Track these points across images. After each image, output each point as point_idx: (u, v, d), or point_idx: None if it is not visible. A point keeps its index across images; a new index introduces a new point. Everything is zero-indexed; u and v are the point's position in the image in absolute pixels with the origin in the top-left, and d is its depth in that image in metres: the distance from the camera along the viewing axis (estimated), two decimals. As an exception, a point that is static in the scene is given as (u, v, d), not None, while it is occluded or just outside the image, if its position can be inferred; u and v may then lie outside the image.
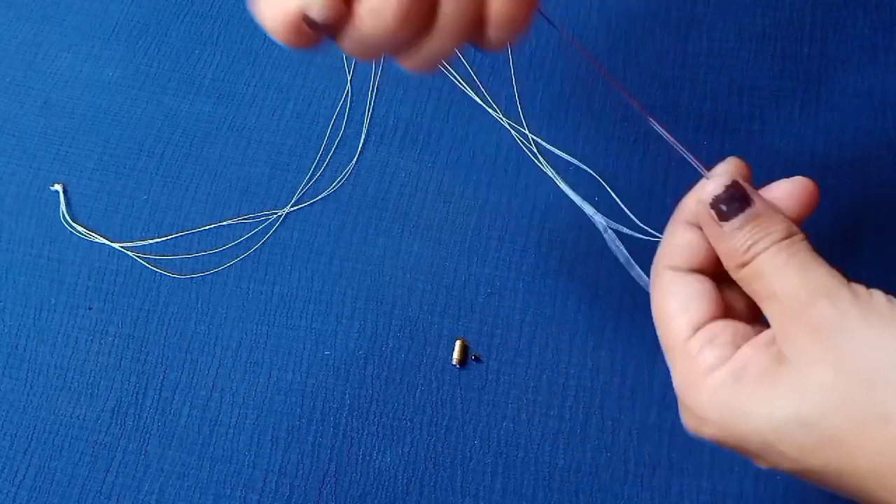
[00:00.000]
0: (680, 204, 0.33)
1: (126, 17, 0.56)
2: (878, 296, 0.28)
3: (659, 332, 0.31)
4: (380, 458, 0.43)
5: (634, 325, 0.44)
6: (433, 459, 0.43)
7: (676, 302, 0.31)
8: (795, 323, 0.28)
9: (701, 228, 0.32)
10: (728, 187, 0.30)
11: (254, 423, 0.44)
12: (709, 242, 0.32)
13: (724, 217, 0.30)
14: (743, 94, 0.50)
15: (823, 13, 0.52)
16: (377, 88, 0.52)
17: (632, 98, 0.36)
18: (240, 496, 0.43)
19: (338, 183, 0.50)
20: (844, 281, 0.28)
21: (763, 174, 0.48)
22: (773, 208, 0.30)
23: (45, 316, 0.47)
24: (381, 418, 0.44)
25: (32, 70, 0.54)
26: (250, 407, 0.45)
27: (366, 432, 0.44)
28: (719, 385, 0.29)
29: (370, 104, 0.52)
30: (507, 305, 0.46)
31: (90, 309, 0.47)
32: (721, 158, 0.50)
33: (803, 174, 0.48)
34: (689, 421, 0.30)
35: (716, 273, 0.32)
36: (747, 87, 0.50)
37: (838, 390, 0.27)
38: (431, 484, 0.43)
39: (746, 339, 0.30)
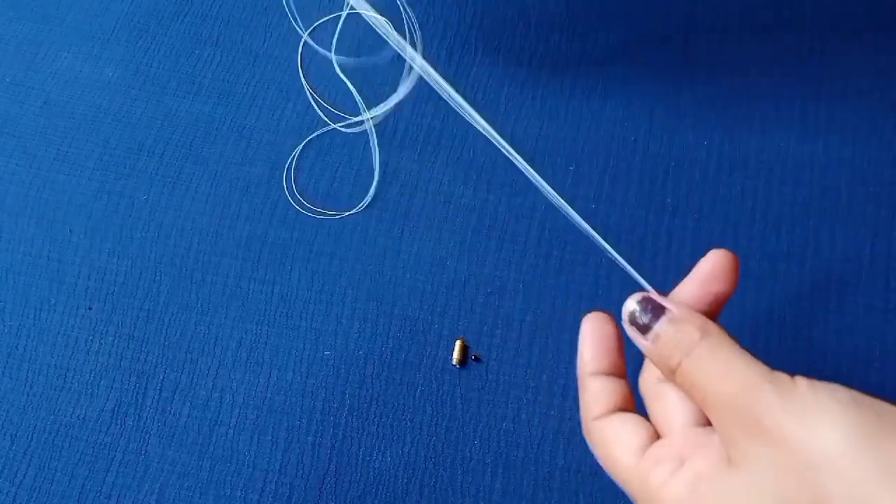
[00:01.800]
0: (579, 360, 0.36)
1: (126, 17, 0.56)
2: (801, 386, 0.29)
3: (611, 474, 0.34)
4: (380, 458, 0.43)
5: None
6: (433, 459, 0.43)
7: (613, 445, 0.34)
8: (730, 425, 0.29)
9: (605, 374, 0.35)
10: (640, 301, 0.33)
11: (254, 423, 0.44)
12: (617, 382, 0.35)
13: (643, 330, 0.32)
14: (743, 94, 0.50)
15: (823, 13, 0.52)
16: (378, 89, 0.52)
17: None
18: (240, 496, 0.43)
19: (338, 182, 0.50)
20: (767, 374, 0.29)
21: (763, 174, 0.48)
22: (686, 310, 0.32)
23: (45, 316, 0.47)
24: (381, 418, 0.44)
25: (32, 70, 0.54)
26: (250, 407, 0.45)
27: (366, 432, 0.44)
28: (676, 499, 0.30)
29: (370, 104, 0.52)
30: (507, 305, 0.46)
31: (90, 309, 0.47)
32: (722, 159, 0.50)
33: (803, 174, 0.48)
34: None
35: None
36: (747, 87, 0.50)
37: (784, 494, 0.28)
38: (431, 484, 0.43)
39: (691, 447, 0.32)
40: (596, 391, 0.35)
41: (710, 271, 0.33)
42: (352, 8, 0.53)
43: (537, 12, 0.53)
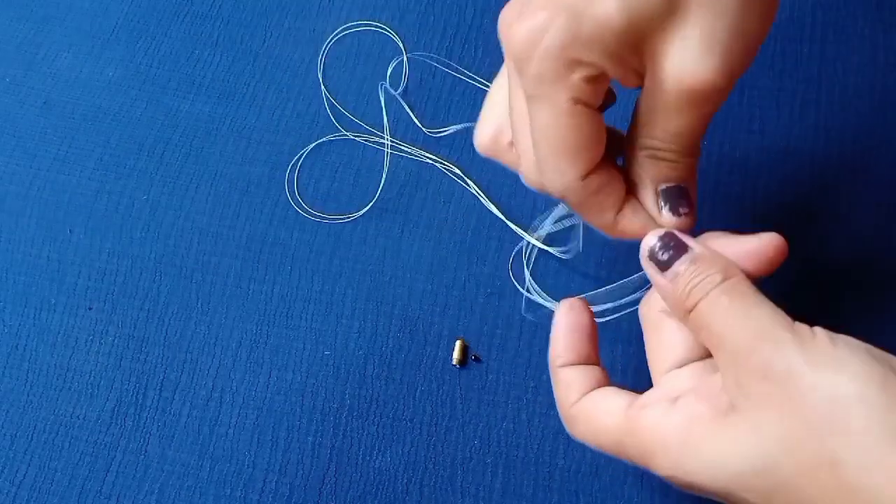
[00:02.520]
0: (550, 352, 0.35)
1: (126, 17, 0.56)
2: (821, 336, 0.28)
3: (602, 447, 0.33)
4: (380, 458, 0.43)
5: (634, 324, 0.43)
6: (433, 459, 0.43)
7: (597, 417, 0.33)
8: (741, 370, 0.28)
9: (576, 364, 0.34)
10: (662, 237, 0.32)
11: (254, 423, 0.44)
12: (589, 368, 0.34)
13: (663, 266, 0.31)
14: (743, 94, 0.50)
15: (823, 13, 0.52)
16: (382, 89, 0.52)
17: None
18: (240, 496, 0.43)
19: (337, 183, 0.50)
20: (788, 322, 0.29)
21: (763, 174, 0.48)
22: (711, 251, 0.31)
23: (45, 316, 0.47)
24: (381, 418, 0.44)
25: (32, 70, 0.54)
26: (250, 407, 0.45)
27: (366, 432, 0.44)
28: (673, 441, 0.30)
29: (370, 104, 0.52)
30: (507, 305, 0.46)
31: (90, 309, 0.47)
32: (722, 159, 0.50)
33: (803, 174, 0.48)
34: (663, 474, 0.31)
35: None
36: (747, 87, 0.50)
37: (788, 438, 0.27)
38: (431, 484, 0.43)
39: (684, 389, 0.31)
40: (568, 380, 0.34)
41: (753, 248, 0.32)
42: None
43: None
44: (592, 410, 0.33)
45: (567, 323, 0.35)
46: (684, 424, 0.30)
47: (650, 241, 0.32)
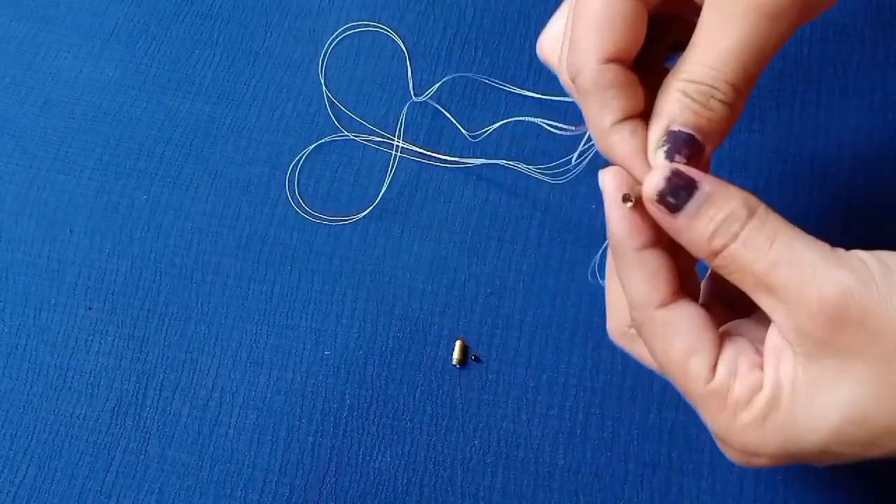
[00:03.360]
0: (619, 232, 0.30)
1: (126, 17, 0.56)
2: (871, 262, 0.26)
3: (673, 379, 0.29)
4: (380, 458, 0.43)
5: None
6: (433, 459, 0.43)
7: (681, 343, 0.29)
8: (806, 318, 0.26)
9: (654, 246, 0.29)
10: (669, 178, 0.28)
11: (254, 423, 0.44)
12: (668, 255, 0.29)
13: (675, 209, 0.28)
14: (743, 94, 0.50)
15: (823, 13, 0.52)
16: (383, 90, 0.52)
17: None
18: (240, 496, 0.43)
19: (337, 182, 0.50)
20: (832, 251, 0.26)
21: (763, 174, 0.48)
22: (723, 184, 0.28)
23: (45, 316, 0.47)
24: (381, 418, 0.44)
25: (32, 70, 0.54)
26: (250, 407, 0.45)
27: (366, 432, 0.44)
28: (761, 418, 0.27)
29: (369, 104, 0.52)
30: (507, 305, 0.46)
31: (90, 309, 0.47)
32: (721, 159, 0.50)
33: (803, 174, 0.48)
34: (735, 457, 0.29)
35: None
36: (747, 87, 0.50)
37: (878, 378, 0.25)
38: (431, 484, 0.43)
39: (758, 343, 0.29)
40: (652, 271, 0.29)
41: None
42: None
43: (538, 10, 0.53)
44: (684, 342, 0.28)
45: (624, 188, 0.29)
46: (772, 404, 0.27)
47: (657, 183, 0.28)
